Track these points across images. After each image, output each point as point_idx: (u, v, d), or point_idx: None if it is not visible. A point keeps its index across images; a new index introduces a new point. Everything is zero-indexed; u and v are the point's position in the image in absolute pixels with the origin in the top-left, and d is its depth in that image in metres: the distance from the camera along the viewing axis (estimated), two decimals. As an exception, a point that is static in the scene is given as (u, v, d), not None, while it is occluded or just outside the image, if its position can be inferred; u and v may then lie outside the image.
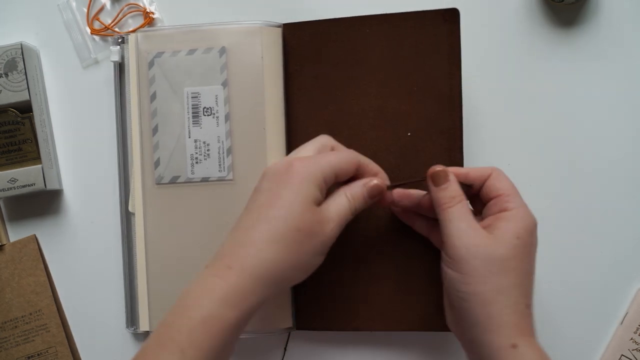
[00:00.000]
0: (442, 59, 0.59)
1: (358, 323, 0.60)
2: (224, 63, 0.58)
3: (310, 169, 0.49)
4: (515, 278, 0.48)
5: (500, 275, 0.48)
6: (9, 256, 0.64)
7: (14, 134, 0.62)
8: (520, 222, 0.50)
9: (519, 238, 0.49)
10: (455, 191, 0.52)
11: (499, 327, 0.47)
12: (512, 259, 0.48)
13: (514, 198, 0.51)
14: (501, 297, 0.48)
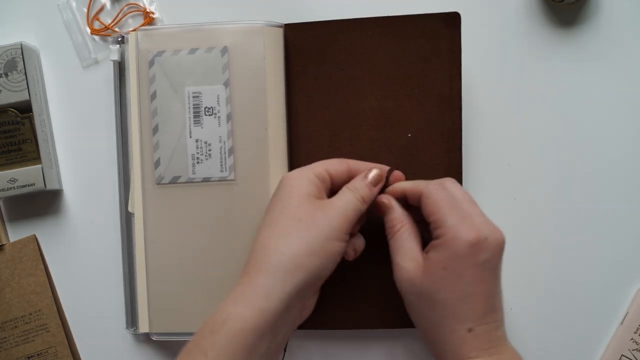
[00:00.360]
0: (442, 61, 0.59)
1: (359, 321, 0.60)
2: (226, 63, 0.58)
3: (300, 172, 0.53)
4: (445, 310, 0.49)
5: (432, 308, 0.49)
6: (8, 256, 0.64)
7: (13, 134, 0.62)
8: (448, 249, 0.48)
9: (445, 269, 0.48)
10: (395, 219, 0.53)
11: (442, 353, 0.49)
12: (439, 291, 0.48)
13: (443, 221, 0.49)
14: (437, 329, 0.49)
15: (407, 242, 0.51)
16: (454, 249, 0.48)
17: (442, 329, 0.49)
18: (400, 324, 0.60)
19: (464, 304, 0.48)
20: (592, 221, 0.62)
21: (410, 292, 0.50)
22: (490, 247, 0.48)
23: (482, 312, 0.48)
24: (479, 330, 0.48)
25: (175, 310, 0.59)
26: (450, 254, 0.48)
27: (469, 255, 0.48)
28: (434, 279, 0.49)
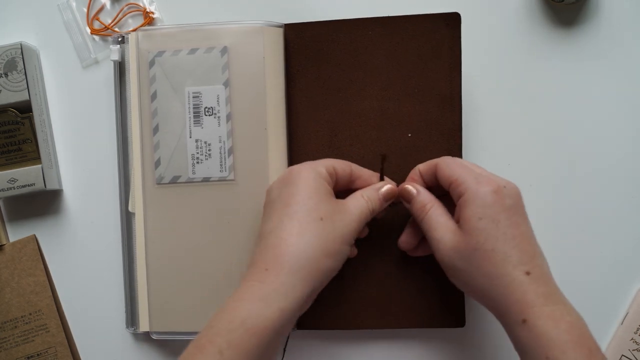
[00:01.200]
0: (442, 62, 0.59)
1: (359, 322, 0.60)
2: (226, 63, 0.58)
3: (311, 167, 0.52)
4: (498, 255, 0.48)
5: (484, 263, 0.48)
6: (8, 256, 0.64)
7: (13, 134, 0.62)
8: (476, 201, 0.49)
9: (481, 218, 0.49)
10: (424, 199, 0.53)
11: (507, 307, 0.48)
12: (486, 242, 0.48)
13: (463, 179, 0.51)
14: (495, 282, 0.48)
15: (441, 217, 0.52)
16: (480, 198, 0.49)
17: (501, 280, 0.48)
18: (400, 324, 0.60)
19: (511, 247, 0.48)
20: (592, 221, 0.62)
21: (459, 258, 0.50)
22: (511, 193, 0.50)
23: (530, 254, 0.49)
24: (535, 273, 0.48)
25: (175, 309, 0.59)
26: (479, 203, 0.49)
27: (496, 202, 0.49)
28: (476, 233, 0.49)
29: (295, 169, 0.52)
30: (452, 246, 0.50)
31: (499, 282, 0.48)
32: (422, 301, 0.60)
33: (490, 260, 0.48)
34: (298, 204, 0.50)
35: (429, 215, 0.52)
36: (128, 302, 0.62)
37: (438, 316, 0.60)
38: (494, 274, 0.48)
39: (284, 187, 0.52)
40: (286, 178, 0.52)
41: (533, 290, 0.47)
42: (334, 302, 0.60)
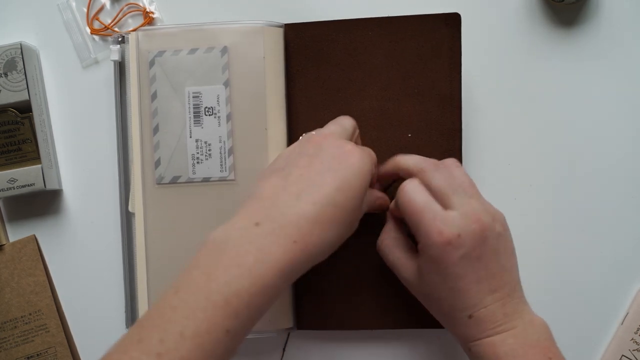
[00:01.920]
0: (442, 62, 0.59)
1: (359, 322, 0.60)
2: (226, 63, 0.58)
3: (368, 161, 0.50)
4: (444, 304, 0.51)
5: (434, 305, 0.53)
6: (8, 256, 0.64)
7: (13, 134, 0.62)
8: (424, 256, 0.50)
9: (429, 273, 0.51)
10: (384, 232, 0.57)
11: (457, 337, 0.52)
12: (433, 292, 0.51)
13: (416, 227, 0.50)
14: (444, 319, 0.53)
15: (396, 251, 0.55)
16: (429, 254, 0.49)
17: (448, 319, 0.52)
18: (400, 325, 0.60)
19: (456, 298, 0.50)
20: (592, 221, 0.62)
21: (415, 292, 0.54)
22: (465, 241, 0.48)
23: (477, 299, 0.49)
24: (478, 315, 0.49)
25: (175, 310, 0.59)
26: (427, 259, 0.50)
27: (445, 256, 0.48)
28: (425, 282, 0.51)
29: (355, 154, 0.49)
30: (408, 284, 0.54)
31: (447, 320, 0.52)
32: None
33: (438, 305, 0.52)
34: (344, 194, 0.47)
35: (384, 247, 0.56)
36: (128, 302, 0.62)
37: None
38: (442, 313, 0.52)
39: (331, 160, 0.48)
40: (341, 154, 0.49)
41: (474, 328, 0.50)
42: (333, 302, 0.60)
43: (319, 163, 0.48)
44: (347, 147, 0.49)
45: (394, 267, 0.55)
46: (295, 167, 0.48)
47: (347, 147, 0.49)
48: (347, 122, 0.54)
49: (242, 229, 0.44)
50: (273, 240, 0.43)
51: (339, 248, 0.59)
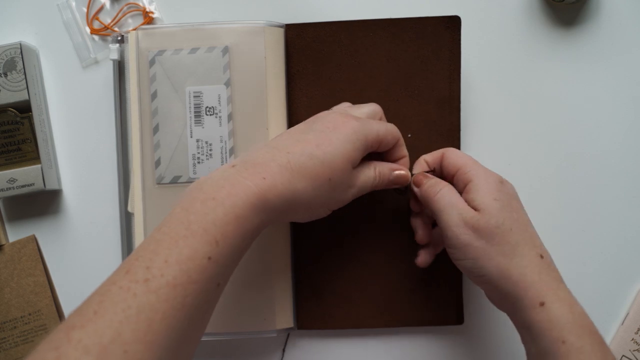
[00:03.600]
0: (442, 64, 0.59)
1: (358, 321, 0.61)
2: (227, 62, 0.58)
3: (364, 130, 0.51)
4: (516, 236, 0.50)
5: (503, 243, 0.49)
6: (8, 256, 0.64)
7: (13, 134, 0.62)
8: (488, 184, 0.51)
9: (497, 200, 0.50)
10: (436, 181, 0.54)
11: (525, 290, 0.48)
12: (504, 222, 0.50)
13: (470, 167, 0.53)
14: (513, 262, 0.49)
15: (455, 196, 0.52)
16: (491, 183, 0.51)
17: (519, 260, 0.49)
18: (399, 323, 0.60)
19: (524, 230, 0.50)
20: (592, 221, 0.62)
21: (477, 237, 0.50)
22: (510, 186, 0.53)
23: (538, 239, 0.51)
24: (546, 257, 0.50)
25: (175, 310, 0.59)
26: (491, 187, 0.51)
27: (502, 190, 0.51)
28: (495, 212, 0.50)
29: (351, 124, 0.51)
30: (471, 224, 0.50)
31: (517, 262, 0.49)
32: (421, 299, 0.60)
33: (508, 239, 0.49)
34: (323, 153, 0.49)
35: (442, 193, 0.52)
36: (128, 302, 0.62)
37: (437, 314, 0.60)
38: (512, 253, 0.49)
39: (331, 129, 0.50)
40: (340, 124, 0.51)
41: (547, 272, 0.49)
42: (333, 301, 0.60)
43: (309, 128, 0.51)
44: (344, 118, 0.51)
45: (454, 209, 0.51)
46: (289, 132, 0.52)
47: (344, 118, 0.51)
48: (371, 108, 0.56)
49: (220, 171, 0.48)
50: (245, 176, 0.46)
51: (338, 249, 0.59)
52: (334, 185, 0.50)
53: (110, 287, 0.40)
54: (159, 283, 0.40)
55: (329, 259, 0.60)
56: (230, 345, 0.63)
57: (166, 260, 0.42)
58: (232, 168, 0.47)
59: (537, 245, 0.50)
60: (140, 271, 0.41)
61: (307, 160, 0.48)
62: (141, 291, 0.40)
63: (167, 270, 0.41)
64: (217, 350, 0.64)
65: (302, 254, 0.61)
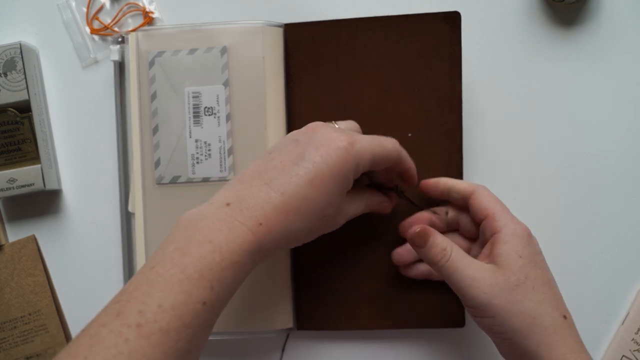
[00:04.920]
0: (443, 61, 0.59)
1: (358, 322, 0.60)
2: (225, 63, 0.58)
3: (356, 159, 0.49)
4: (539, 295, 0.48)
5: (525, 301, 0.48)
6: (8, 256, 0.64)
7: (13, 134, 0.62)
8: (515, 239, 0.50)
9: (521, 257, 0.49)
10: (443, 243, 0.51)
11: (548, 351, 0.47)
12: (527, 280, 0.49)
13: (500, 215, 0.52)
14: (537, 321, 0.48)
15: (467, 257, 0.50)
16: (519, 237, 0.50)
17: (542, 320, 0.48)
18: (400, 325, 0.60)
19: (548, 288, 0.49)
20: (592, 221, 0.62)
21: (497, 295, 0.48)
22: (536, 241, 0.52)
23: (562, 299, 0.50)
24: (569, 318, 0.49)
25: (174, 310, 0.59)
26: (520, 241, 0.50)
27: (531, 244, 0.51)
28: (517, 269, 0.49)
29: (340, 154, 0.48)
30: (490, 282, 0.49)
31: (540, 322, 0.48)
32: (421, 301, 0.60)
33: (531, 298, 0.48)
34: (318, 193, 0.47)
35: (453, 259, 0.50)
36: (128, 302, 0.62)
37: (438, 316, 0.60)
38: (534, 312, 0.48)
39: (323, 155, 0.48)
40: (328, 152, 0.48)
41: (570, 334, 0.48)
42: (333, 302, 0.60)
43: (300, 152, 0.48)
44: (335, 142, 0.48)
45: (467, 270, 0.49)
46: (280, 153, 0.49)
47: (335, 142, 0.48)
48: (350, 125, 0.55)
49: (214, 208, 0.46)
50: (241, 220, 0.45)
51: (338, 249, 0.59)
52: (327, 220, 0.50)
53: (100, 330, 0.40)
54: (152, 328, 0.40)
55: (328, 260, 0.60)
56: (229, 345, 0.63)
57: (160, 305, 0.41)
58: (227, 207, 0.46)
59: (561, 306, 0.49)
60: (132, 315, 0.40)
61: (302, 202, 0.47)
62: (133, 336, 0.39)
63: (161, 316, 0.40)
64: (216, 350, 0.64)
65: (302, 254, 0.60)
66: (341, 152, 0.48)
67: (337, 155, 0.48)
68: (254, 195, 0.47)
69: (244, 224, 0.45)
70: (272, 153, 0.50)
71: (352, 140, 0.49)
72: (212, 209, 0.46)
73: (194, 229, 0.45)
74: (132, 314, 0.40)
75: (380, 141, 0.52)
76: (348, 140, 0.49)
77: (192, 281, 0.42)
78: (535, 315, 0.48)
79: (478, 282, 0.49)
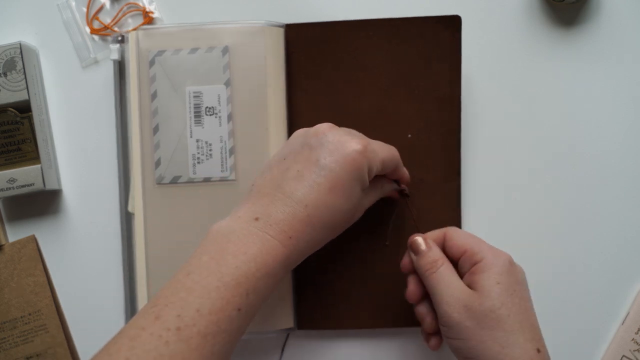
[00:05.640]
0: (443, 63, 0.59)
1: (358, 321, 0.61)
2: (227, 62, 0.58)
3: (368, 162, 0.50)
4: (513, 324, 0.48)
5: (497, 328, 0.48)
6: (8, 256, 0.64)
7: (13, 134, 0.62)
8: (494, 267, 0.50)
9: (499, 283, 0.49)
10: (436, 255, 0.53)
11: None
12: (502, 307, 0.48)
13: (478, 248, 0.52)
14: (505, 351, 0.48)
15: (452, 275, 0.51)
16: (499, 266, 0.50)
17: (512, 349, 0.47)
18: (400, 324, 0.60)
19: (524, 319, 0.49)
20: (592, 221, 0.62)
21: (470, 317, 0.49)
22: (520, 270, 0.52)
23: (539, 332, 0.50)
24: (543, 353, 0.48)
25: (175, 310, 0.59)
26: (497, 270, 0.50)
27: (511, 272, 0.50)
28: (493, 296, 0.49)
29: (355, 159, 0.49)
30: (464, 304, 0.49)
31: (508, 352, 0.47)
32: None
33: (504, 326, 0.48)
34: (340, 200, 0.49)
35: (440, 272, 0.51)
36: (128, 302, 0.62)
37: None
38: (506, 341, 0.48)
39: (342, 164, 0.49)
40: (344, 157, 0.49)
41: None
42: (333, 302, 0.60)
43: (315, 159, 0.49)
44: (349, 145, 0.49)
45: (448, 288, 0.50)
46: (295, 161, 0.50)
47: (348, 145, 0.49)
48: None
49: (243, 222, 0.48)
50: (272, 234, 0.47)
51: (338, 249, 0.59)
52: (350, 220, 0.52)
53: (140, 333, 0.41)
54: (191, 332, 0.42)
55: (329, 259, 0.60)
56: (230, 345, 0.63)
57: (198, 309, 0.42)
58: (256, 222, 0.47)
59: (536, 339, 0.49)
60: (172, 319, 0.42)
61: (325, 211, 0.48)
62: (173, 339, 0.41)
63: (199, 320, 0.42)
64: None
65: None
66: (356, 156, 0.49)
67: (352, 159, 0.49)
68: (280, 210, 0.48)
69: (275, 237, 0.47)
70: (287, 159, 0.50)
71: (365, 142, 0.50)
72: (242, 223, 0.48)
73: (226, 241, 0.46)
74: (171, 317, 0.42)
75: (387, 145, 0.54)
76: (361, 143, 0.49)
77: (229, 289, 0.44)
78: (504, 344, 0.47)
79: (455, 301, 0.49)
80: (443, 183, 0.60)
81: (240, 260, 0.45)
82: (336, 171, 0.48)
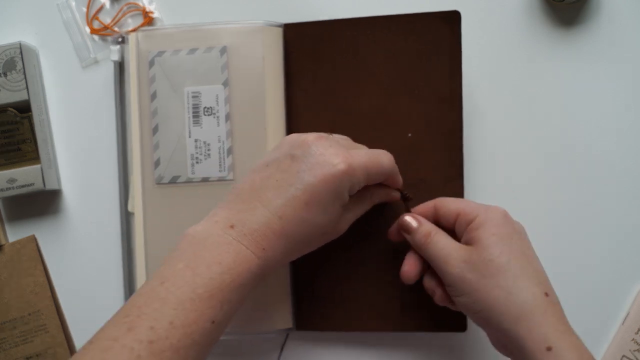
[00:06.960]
0: (442, 61, 0.59)
1: (358, 324, 0.60)
2: (225, 62, 0.58)
3: (350, 178, 0.49)
4: (515, 269, 0.48)
5: (499, 274, 0.48)
6: (8, 256, 0.64)
7: (12, 134, 0.62)
8: (489, 221, 0.50)
9: (494, 234, 0.49)
10: (428, 227, 0.53)
11: (529, 330, 0.46)
12: (500, 255, 0.48)
13: (469, 209, 0.52)
14: (512, 297, 0.47)
15: (447, 239, 0.52)
16: (494, 219, 0.50)
17: (519, 295, 0.47)
18: (400, 328, 0.60)
19: (528, 263, 0.49)
20: (592, 221, 0.62)
21: (470, 269, 0.49)
22: (518, 222, 0.52)
23: (544, 276, 0.49)
24: (552, 296, 0.48)
25: (174, 310, 0.59)
26: (493, 223, 0.50)
27: (507, 223, 0.51)
28: (490, 246, 0.49)
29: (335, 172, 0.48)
30: (463, 259, 0.49)
31: (517, 297, 0.47)
32: (422, 305, 0.59)
33: (505, 273, 0.48)
34: (317, 213, 0.48)
35: (434, 239, 0.52)
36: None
37: (439, 320, 0.59)
38: (511, 287, 0.47)
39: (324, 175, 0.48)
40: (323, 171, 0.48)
41: (552, 312, 0.46)
42: (333, 303, 0.60)
43: (295, 171, 0.49)
44: (331, 161, 0.48)
45: (444, 250, 0.51)
46: (277, 169, 0.49)
47: (330, 161, 0.48)
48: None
49: (219, 229, 0.47)
50: (246, 244, 0.47)
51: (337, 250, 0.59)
52: (327, 234, 0.52)
53: (112, 344, 0.41)
54: (163, 345, 0.41)
55: (328, 260, 0.60)
56: (228, 345, 0.63)
57: (171, 322, 0.42)
58: (232, 230, 0.47)
59: (543, 283, 0.48)
60: (144, 331, 0.41)
61: (300, 224, 0.48)
62: (145, 353, 0.40)
63: (172, 333, 0.42)
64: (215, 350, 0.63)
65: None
66: (336, 173, 0.48)
67: (332, 176, 0.48)
68: (255, 220, 0.48)
69: (248, 248, 0.47)
70: (269, 167, 0.50)
71: (347, 158, 0.49)
72: (217, 229, 0.47)
73: (201, 247, 0.46)
74: (143, 329, 0.41)
75: (377, 157, 0.52)
76: (342, 159, 0.48)
77: (202, 300, 0.43)
78: (509, 290, 0.47)
79: (453, 259, 0.50)
80: (445, 183, 0.59)
81: (214, 271, 0.45)
82: (314, 185, 0.48)
